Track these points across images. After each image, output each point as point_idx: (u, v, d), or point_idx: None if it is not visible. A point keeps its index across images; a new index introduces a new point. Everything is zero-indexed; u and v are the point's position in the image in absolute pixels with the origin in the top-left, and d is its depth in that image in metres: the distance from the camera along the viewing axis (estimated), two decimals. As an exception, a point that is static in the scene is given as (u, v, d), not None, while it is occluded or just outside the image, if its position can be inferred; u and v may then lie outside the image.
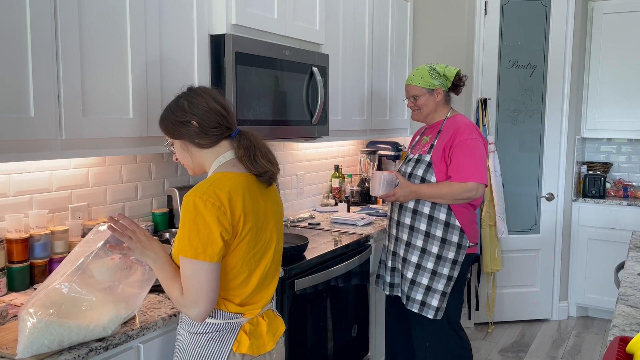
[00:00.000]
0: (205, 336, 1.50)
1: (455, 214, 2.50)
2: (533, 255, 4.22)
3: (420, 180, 2.53)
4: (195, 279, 1.40)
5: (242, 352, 1.50)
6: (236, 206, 1.43)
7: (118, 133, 1.85)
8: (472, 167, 2.43)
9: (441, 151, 2.50)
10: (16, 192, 1.93)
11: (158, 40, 1.98)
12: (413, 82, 2.61)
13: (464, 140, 2.45)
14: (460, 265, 2.53)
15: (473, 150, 2.45)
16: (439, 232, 2.50)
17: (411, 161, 2.62)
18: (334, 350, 2.58)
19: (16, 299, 1.78)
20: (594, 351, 3.75)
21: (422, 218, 2.52)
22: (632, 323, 1.62)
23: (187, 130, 1.52)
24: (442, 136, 2.54)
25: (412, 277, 2.55)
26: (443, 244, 2.50)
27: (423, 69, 2.60)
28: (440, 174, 2.49)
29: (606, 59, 4.31)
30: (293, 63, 2.51)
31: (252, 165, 1.51)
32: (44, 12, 1.60)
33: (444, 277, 2.51)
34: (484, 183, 2.45)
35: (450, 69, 2.58)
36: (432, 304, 2.51)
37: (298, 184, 3.43)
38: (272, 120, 2.41)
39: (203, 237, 1.39)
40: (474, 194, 2.44)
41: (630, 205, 4.15)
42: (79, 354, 1.40)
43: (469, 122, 2.57)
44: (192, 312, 1.43)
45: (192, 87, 1.58)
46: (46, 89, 1.61)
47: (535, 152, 4.13)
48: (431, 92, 2.58)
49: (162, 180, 2.48)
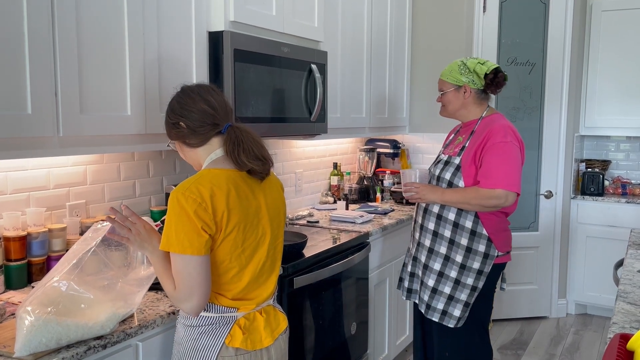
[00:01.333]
0: (199, 329, 1.52)
1: (483, 222, 2.34)
2: (532, 252, 4.22)
3: (447, 184, 2.37)
4: (186, 272, 1.41)
5: (234, 345, 1.51)
6: (219, 202, 1.44)
7: (116, 130, 1.85)
8: (502, 172, 2.25)
9: (472, 154, 2.33)
10: (14, 189, 1.92)
11: (156, 37, 1.97)
12: (442, 76, 2.47)
13: (496, 142, 2.28)
14: (487, 276, 2.36)
15: (506, 154, 2.27)
16: (464, 240, 2.34)
17: (440, 162, 2.46)
18: (333, 348, 2.58)
19: (14, 297, 1.77)
20: (593, 348, 3.76)
21: (447, 224, 2.37)
22: (632, 320, 1.62)
23: (177, 131, 1.56)
24: (475, 137, 2.36)
25: (433, 285, 2.41)
26: (468, 253, 2.34)
27: (455, 62, 2.44)
28: (468, 179, 2.32)
29: (605, 56, 4.31)
30: (292, 60, 2.50)
31: (235, 161, 1.51)
32: (42, 9, 1.59)
33: (468, 287, 2.35)
34: (515, 191, 2.26)
35: (481, 66, 2.38)
36: (453, 314, 2.37)
37: (297, 182, 3.42)
38: (270, 118, 2.41)
39: (188, 231, 1.40)
40: (502, 201, 2.25)
41: (628, 203, 4.15)
42: (77, 352, 1.40)
43: (506, 123, 2.37)
44: (185, 306, 1.44)
45: (185, 87, 1.58)
46: (43, 86, 1.60)
47: (534, 149, 4.13)
48: (458, 88, 2.42)
49: (160, 178, 2.47)
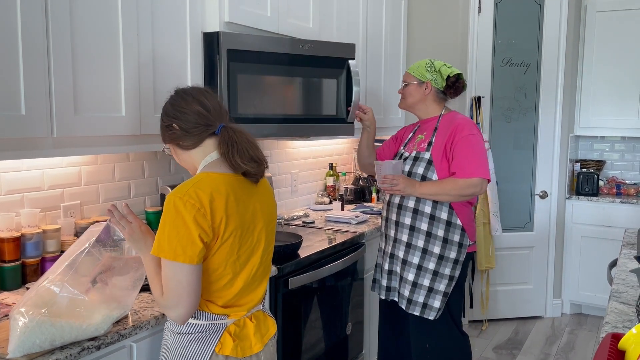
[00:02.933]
0: (188, 337, 1.48)
1: (457, 213, 2.46)
2: (527, 252, 4.23)
3: (421, 179, 2.46)
4: (176, 280, 1.38)
5: (225, 353, 1.48)
6: (218, 208, 1.41)
7: (110, 131, 1.84)
8: (475, 162, 2.40)
9: (442, 148, 2.45)
10: (7, 190, 1.92)
11: (150, 38, 1.97)
12: (409, 70, 2.61)
13: (465, 136, 2.42)
14: (462, 265, 2.49)
15: (475, 146, 2.42)
16: (440, 231, 2.45)
17: (408, 159, 2.56)
18: (328, 348, 2.58)
19: (8, 298, 1.77)
20: (588, 348, 3.77)
21: (424, 218, 2.46)
22: (625, 320, 1.63)
23: (171, 134, 1.54)
24: (441, 133, 2.49)
25: (413, 279, 2.48)
26: (445, 244, 2.45)
27: (424, 60, 2.58)
28: (442, 172, 2.44)
29: (599, 57, 4.32)
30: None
31: (230, 163, 1.48)
32: (35, 9, 1.58)
33: (446, 278, 2.45)
34: (487, 178, 2.42)
35: (445, 68, 2.53)
36: (434, 306, 2.45)
37: (292, 182, 3.42)
38: (267, 119, 2.41)
39: (182, 238, 1.37)
40: (478, 189, 2.40)
41: (623, 203, 4.16)
42: (70, 353, 1.39)
43: (466, 118, 2.54)
44: (172, 313, 1.41)
45: (178, 90, 1.57)
46: (37, 87, 1.60)
47: (529, 150, 4.14)
48: (420, 83, 2.55)
49: (155, 179, 2.47)
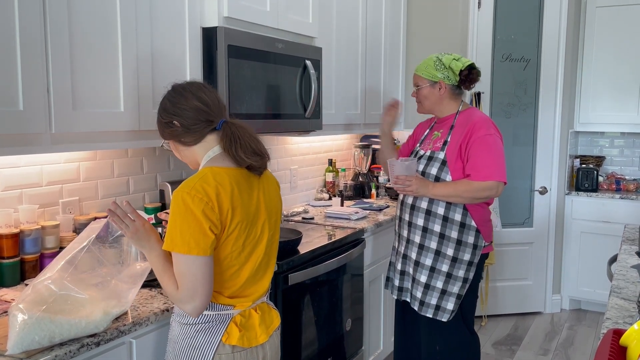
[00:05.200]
0: (195, 327, 1.51)
1: (471, 214, 2.38)
2: (526, 248, 4.23)
3: (435, 179, 2.39)
4: (191, 273, 1.40)
5: (231, 343, 1.51)
6: (224, 201, 1.43)
7: (109, 127, 1.83)
8: (492, 164, 2.31)
9: (457, 148, 2.37)
10: (6, 186, 1.91)
11: (149, 33, 1.96)
12: (418, 71, 2.50)
13: (481, 136, 2.33)
14: (476, 266, 2.42)
15: (492, 147, 2.33)
16: (454, 233, 2.38)
17: (423, 158, 2.47)
18: (328, 344, 2.58)
19: (6, 294, 1.76)
20: (587, 344, 3.77)
21: (436, 219, 2.39)
22: (625, 315, 1.63)
23: (171, 130, 1.54)
24: (456, 132, 2.40)
25: (426, 280, 2.42)
26: (459, 246, 2.38)
27: (430, 58, 2.47)
28: (456, 173, 2.36)
29: (599, 52, 4.32)
30: (286, 56, 2.49)
31: (234, 158, 1.50)
32: (33, 4, 1.57)
33: (460, 280, 2.39)
34: (504, 181, 2.33)
35: (456, 62, 2.42)
36: (447, 308, 2.40)
37: (292, 178, 3.42)
38: (264, 114, 2.40)
39: (194, 232, 1.39)
40: (494, 192, 2.32)
41: (622, 199, 4.16)
42: (69, 350, 1.39)
43: (484, 116, 2.44)
44: (188, 307, 1.43)
45: (176, 86, 1.56)
46: (35, 82, 1.59)
47: (529, 145, 4.14)
48: (433, 84, 2.46)
49: (154, 175, 2.46)
